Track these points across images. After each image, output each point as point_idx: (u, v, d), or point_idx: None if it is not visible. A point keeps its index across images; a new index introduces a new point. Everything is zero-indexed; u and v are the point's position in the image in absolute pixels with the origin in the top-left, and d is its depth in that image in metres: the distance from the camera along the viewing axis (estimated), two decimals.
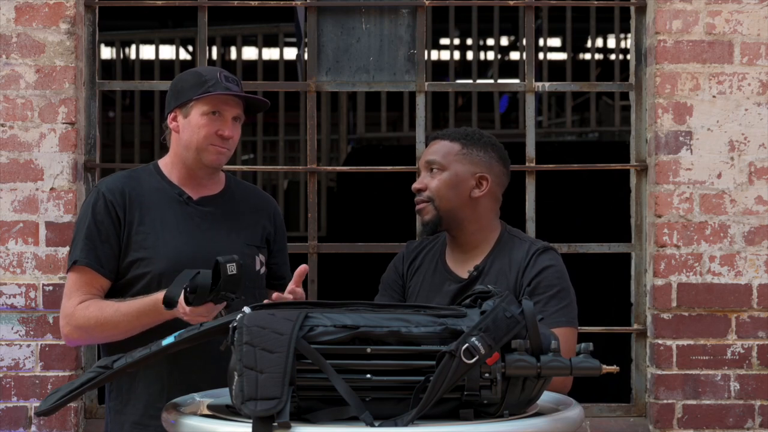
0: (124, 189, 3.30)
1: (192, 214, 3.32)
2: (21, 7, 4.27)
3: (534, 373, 2.49)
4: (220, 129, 3.27)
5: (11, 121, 4.27)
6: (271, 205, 3.52)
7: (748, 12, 4.32)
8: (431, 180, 3.27)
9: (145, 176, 3.37)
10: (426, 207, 3.27)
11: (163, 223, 3.29)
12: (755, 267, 4.30)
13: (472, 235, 3.27)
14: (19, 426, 4.25)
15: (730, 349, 4.30)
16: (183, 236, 3.28)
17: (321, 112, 9.37)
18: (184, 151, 3.31)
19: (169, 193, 3.33)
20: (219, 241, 3.30)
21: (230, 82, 3.29)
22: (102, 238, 3.26)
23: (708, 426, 4.29)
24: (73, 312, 3.23)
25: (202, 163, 3.31)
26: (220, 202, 3.37)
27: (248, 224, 3.39)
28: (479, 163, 3.27)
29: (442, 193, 3.25)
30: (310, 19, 4.53)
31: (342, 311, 2.55)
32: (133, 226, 3.27)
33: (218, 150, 3.28)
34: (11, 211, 4.26)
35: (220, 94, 3.25)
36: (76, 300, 3.24)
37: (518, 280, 3.19)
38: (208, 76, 3.28)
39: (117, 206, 3.27)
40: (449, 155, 3.27)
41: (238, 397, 2.43)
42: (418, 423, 2.43)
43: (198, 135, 3.27)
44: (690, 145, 4.32)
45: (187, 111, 3.29)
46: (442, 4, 4.92)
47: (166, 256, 3.24)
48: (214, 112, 3.27)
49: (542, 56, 9.11)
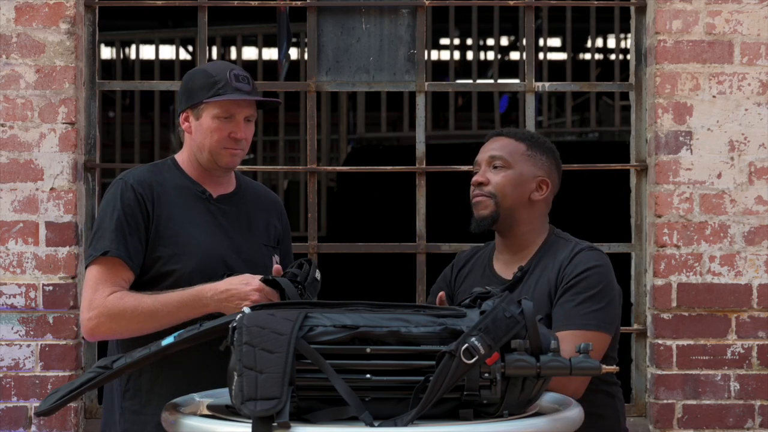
0: (152, 182, 3.23)
1: (215, 213, 3.28)
2: (21, 7, 4.27)
3: (533, 373, 2.49)
4: (233, 132, 3.22)
5: (11, 121, 4.28)
6: (278, 204, 3.49)
7: (748, 12, 4.33)
8: (495, 175, 3.19)
9: (167, 171, 3.30)
10: (486, 201, 3.18)
11: (191, 220, 3.24)
12: (755, 267, 4.30)
13: (522, 237, 3.21)
14: (19, 426, 4.25)
15: (730, 349, 4.30)
16: (210, 235, 3.24)
17: (321, 112, 9.37)
18: (198, 152, 3.27)
19: (192, 190, 3.28)
20: (241, 241, 3.27)
21: (241, 82, 3.22)
22: (131, 230, 3.16)
23: (708, 426, 4.29)
24: (104, 302, 3.09)
25: (216, 165, 3.27)
26: (236, 201, 3.34)
27: (261, 224, 3.37)
28: (542, 166, 3.23)
29: (506, 191, 3.18)
30: (310, 19, 4.53)
31: (342, 311, 2.54)
32: (161, 221, 3.20)
33: (232, 152, 3.24)
34: (11, 211, 4.26)
35: (231, 98, 3.20)
36: (106, 291, 3.11)
37: (558, 277, 3.12)
38: (218, 76, 3.21)
39: (146, 199, 3.19)
40: (515, 154, 3.21)
41: (237, 397, 2.42)
42: (418, 423, 2.43)
43: (211, 139, 3.22)
44: (690, 145, 4.32)
45: (198, 113, 3.24)
46: (442, 4, 4.92)
47: (196, 255, 3.18)
48: (226, 116, 3.22)
49: (542, 56, 9.11)
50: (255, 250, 3.27)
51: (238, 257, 3.23)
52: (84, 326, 3.16)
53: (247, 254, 3.25)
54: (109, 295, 3.10)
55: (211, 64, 3.35)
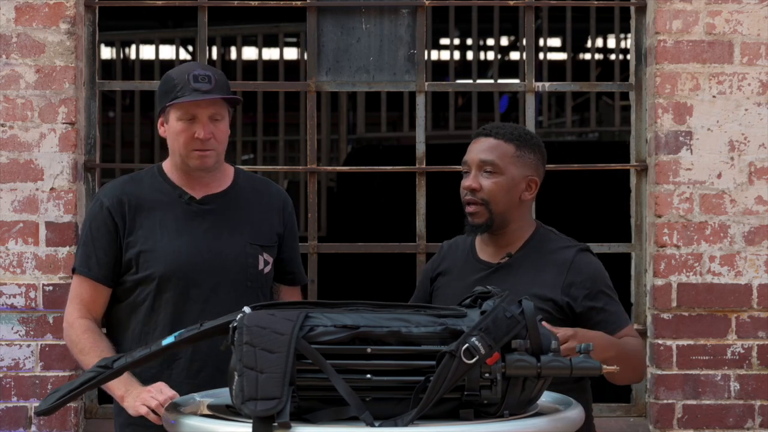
0: (122, 195, 3.31)
1: (194, 214, 3.30)
2: (21, 7, 4.27)
3: (534, 373, 2.49)
4: (197, 132, 3.23)
5: (11, 121, 4.27)
6: (281, 199, 3.45)
7: (748, 12, 4.32)
8: (487, 181, 3.19)
9: (148, 179, 3.36)
10: (480, 210, 3.18)
11: (162, 225, 3.28)
12: (755, 267, 4.30)
13: (511, 233, 3.23)
14: (19, 426, 4.25)
15: (730, 349, 4.30)
16: (182, 238, 3.27)
17: (321, 112, 9.37)
18: (173, 156, 3.32)
19: (170, 194, 3.32)
20: (220, 241, 3.29)
21: (200, 82, 3.22)
22: (97, 245, 3.28)
23: (708, 426, 4.29)
24: (72, 323, 3.27)
25: (189, 164, 3.29)
26: (224, 200, 3.34)
27: (254, 222, 3.36)
28: (530, 166, 3.23)
29: (499, 198, 3.18)
30: (310, 19, 4.53)
31: (342, 311, 2.55)
32: (134, 230, 3.28)
33: (200, 154, 3.26)
34: (11, 211, 4.26)
35: (186, 101, 3.20)
36: (76, 311, 3.28)
37: (565, 279, 3.15)
38: (178, 79, 3.23)
39: (114, 213, 3.28)
40: (505, 157, 3.20)
41: (238, 397, 2.43)
42: (419, 423, 2.43)
43: (178, 142, 3.26)
44: (690, 145, 4.32)
45: (167, 117, 3.28)
46: (442, 4, 4.92)
47: (165, 259, 3.24)
48: (188, 117, 3.24)
49: (542, 56, 9.11)
50: (239, 249, 3.29)
51: (217, 257, 3.26)
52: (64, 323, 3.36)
53: (228, 254, 3.28)
54: (78, 318, 3.27)
55: (177, 67, 3.34)
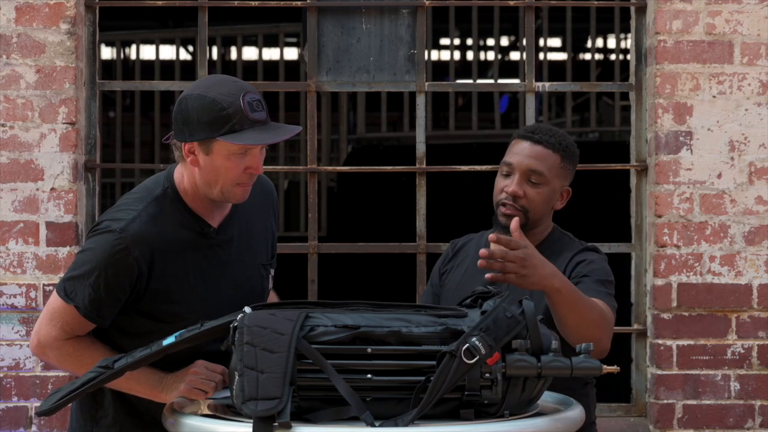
0: (150, 241, 2.86)
1: (216, 248, 2.97)
2: (21, 7, 4.28)
3: (535, 373, 2.49)
4: (250, 167, 2.83)
5: (11, 121, 4.28)
6: (273, 196, 3.20)
7: (748, 12, 4.33)
8: (531, 191, 3.14)
9: (168, 207, 2.91)
10: (518, 215, 3.11)
11: (189, 272, 2.93)
12: (755, 267, 4.30)
13: (532, 235, 3.18)
14: (19, 426, 4.25)
15: (731, 349, 4.30)
16: (208, 282, 2.95)
17: (321, 112, 9.36)
18: (205, 188, 2.88)
19: (192, 228, 2.93)
20: (241, 273, 3.02)
21: (257, 110, 2.80)
22: (111, 295, 2.85)
23: (708, 426, 4.30)
24: (51, 344, 2.89)
25: (225, 199, 2.91)
26: (236, 222, 3.04)
27: (259, 239, 3.11)
28: (569, 176, 3.22)
29: (539, 208, 3.16)
30: (310, 19, 4.53)
31: (342, 311, 2.55)
32: (159, 277, 2.88)
33: (244, 188, 2.88)
34: (11, 211, 4.26)
35: (251, 143, 2.78)
36: (56, 334, 2.88)
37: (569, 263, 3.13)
38: (231, 109, 2.76)
39: (142, 263, 2.84)
40: (553, 169, 3.16)
41: (238, 397, 2.43)
42: (419, 423, 2.43)
43: (225, 177, 2.83)
44: (690, 145, 4.32)
45: (208, 148, 2.81)
46: (442, 4, 4.93)
47: (190, 308, 2.90)
48: (242, 151, 2.81)
49: (542, 56, 9.11)
50: (255, 278, 3.04)
51: (238, 292, 2.97)
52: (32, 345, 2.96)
53: (246, 286, 3.02)
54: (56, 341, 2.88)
55: (217, 88, 2.81)
